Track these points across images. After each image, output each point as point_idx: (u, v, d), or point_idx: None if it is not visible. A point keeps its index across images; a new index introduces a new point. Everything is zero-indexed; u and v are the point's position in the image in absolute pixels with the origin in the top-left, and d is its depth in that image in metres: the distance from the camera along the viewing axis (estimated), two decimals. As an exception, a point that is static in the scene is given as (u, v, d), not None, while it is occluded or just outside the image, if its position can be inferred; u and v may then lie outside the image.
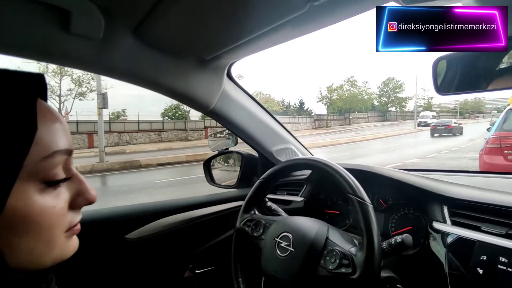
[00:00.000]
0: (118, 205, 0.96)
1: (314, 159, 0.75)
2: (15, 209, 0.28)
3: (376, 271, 0.55)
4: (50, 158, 0.31)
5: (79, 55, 0.60)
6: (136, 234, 0.91)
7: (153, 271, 0.94)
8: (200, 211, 1.07)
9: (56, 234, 0.33)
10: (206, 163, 1.37)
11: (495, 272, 0.57)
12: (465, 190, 0.74)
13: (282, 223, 0.75)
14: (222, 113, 0.90)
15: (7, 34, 0.52)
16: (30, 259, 0.31)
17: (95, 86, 9.74)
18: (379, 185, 0.91)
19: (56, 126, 0.33)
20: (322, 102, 35.23)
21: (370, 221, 0.59)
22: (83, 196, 0.37)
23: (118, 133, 15.85)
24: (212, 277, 1.07)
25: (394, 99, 40.01)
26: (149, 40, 0.65)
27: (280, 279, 0.67)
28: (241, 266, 0.82)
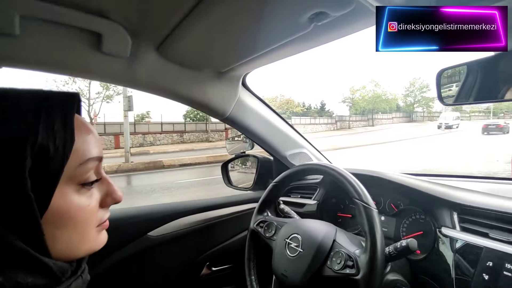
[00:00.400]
0: (143, 204, 1.04)
1: (322, 165, 0.79)
2: (58, 207, 0.35)
3: (378, 272, 0.58)
4: (84, 164, 0.37)
5: (110, 71, 0.68)
6: (158, 232, 0.98)
7: (172, 267, 1.01)
8: (218, 211, 1.13)
9: (89, 228, 0.39)
10: (224, 165, 1.43)
11: (500, 278, 0.59)
12: (474, 196, 0.74)
13: (292, 225, 0.79)
14: (237, 119, 0.96)
15: (51, 54, 0.61)
16: (68, 250, 0.37)
17: (121, 90, 10.16)
18: (390, 190, 0.93)
19: (89, 137, 0.39)
20: (344, 102, 34.64)
21: (374, 225, 0.62)
22: (111, 197, 0.43)
23: (143, 134, 16.42)
24: (228, 274, 1.12)
25: (420, 99, 38.58)
26: (170, 56, 0.72)
27: (289, 278, 0.71)
28: (254, 265, 0.86)
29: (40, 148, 0.32)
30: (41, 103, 0.34)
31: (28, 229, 0.32)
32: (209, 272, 1.09)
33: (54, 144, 0.33)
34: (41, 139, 0.32)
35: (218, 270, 1.11)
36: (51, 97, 0.35)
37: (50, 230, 0.34)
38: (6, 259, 0.30)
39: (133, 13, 0.58)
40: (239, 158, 1.43)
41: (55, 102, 0.35)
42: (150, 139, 16.62)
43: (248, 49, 0.65)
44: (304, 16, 0.49)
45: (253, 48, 0.64)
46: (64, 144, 0.34)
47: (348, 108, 33.95)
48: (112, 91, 14.30)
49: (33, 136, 0.31)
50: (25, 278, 0.31)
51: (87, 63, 0.64)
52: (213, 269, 1.10)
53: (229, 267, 1.13)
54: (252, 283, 0.84)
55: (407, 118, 39.30)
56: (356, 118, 32.31)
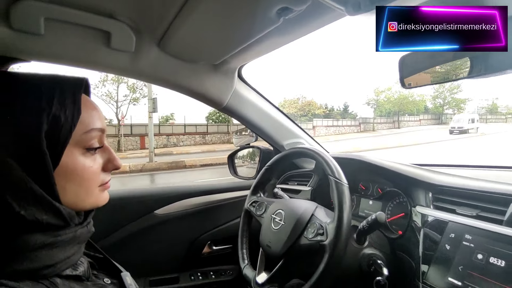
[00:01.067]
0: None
1: (305, 148, 0.86)
2: (67, 164, 0.45)
3: (343, 238, 0.65)
4: (89, 133, 0.47)
5: (117, 64, 0.80)
6: (164, 211, 1.09)
7: (176, 243, 1.12)
8: (220, 195, 1.23)
9: (92, 186, 0.49)
10: (230, 156, 1.53)
11: (460, 247, 0.63)
12: (449, 178, 0.79)
13: (279, 202, 0.87)
14: (235, 109, 1.05)
15: (70, 50, 0.73)
16: (75, 201, 0.47)
17: (147, 92, 10.61)
18: (378, 176, 0.98)
19: (94, 112, 0.49)
20: (368, 104, 33.83)
21: (343, 198, 0.69)
22: (112, 163, 0.53)
23: (167, 136, 16.97)
24: (228, 254, 1.21)
25: (451, 100, 36.82)
26: (169, 50, 0.82)
27: (272, 248, 0.79)
28: (246, 241, 0.95)
29: (54, 117, 0.42)
30: (57, 84, 0.44)
31: (43, 178, 0.42)
32: (210, 250, 1.19)
33: (65, 115, 0.43)
34: (55, 110, 0.42)
35: (218, 249, 1.20)
36: (64, 80, 0.46)
37: (61, 182, 0.44)
38: (26, 200, 0.40)
39: (135, 13, 0.68)
40: (244, 149, 1.53)
41: (67, 83, 0.46)
42: (173, 140, 17.14)
43: (234, 42, 0.73)
44: (272, 11, 0.57)
45: (237, 41, 0.73)
46: (73, 115, 0.44)
47: (373, 110, 33.11)
48: (138, 94, 14.93)
49: (49, 107, 0.42)
50: (41, 216, 0.41)
51: (99, 58, 0.76)
52: (214, 248, 1.20)
53: (229, 247, 1.22)
54: (244, 255, 0.92)
55: (436, 120, 37.63)
56: (381, 120, 31.39)
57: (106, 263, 0.59)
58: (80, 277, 0.47)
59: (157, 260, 1.10)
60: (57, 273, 0.43)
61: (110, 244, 1.00)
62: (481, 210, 0.67)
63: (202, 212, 1.17)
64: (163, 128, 17.49)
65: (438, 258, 0.66)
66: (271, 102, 1.16)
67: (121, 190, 1.11)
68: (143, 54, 0.80)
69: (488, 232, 0.61)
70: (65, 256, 0.44)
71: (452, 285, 0.61)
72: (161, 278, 1.09)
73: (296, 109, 26.50)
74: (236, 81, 1.00)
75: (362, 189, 1.05)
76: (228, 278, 1.18)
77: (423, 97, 34.07)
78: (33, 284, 0.39)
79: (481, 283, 0.57)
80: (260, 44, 0.75)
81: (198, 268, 1.17)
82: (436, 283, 0.64)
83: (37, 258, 0.40)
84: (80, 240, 0.48)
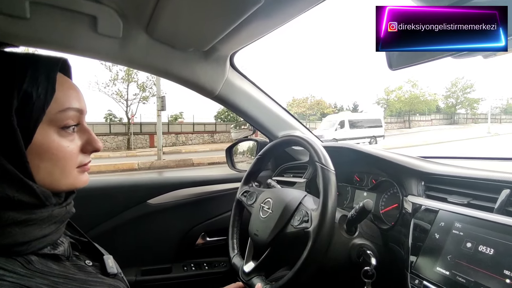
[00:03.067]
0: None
1: (295, 136, 0.84)
2: (41, 143, 0.44)
3: (326, 225, 0.63)
4: (64, 112, 0.47)
5: (106, 50, 0.79)
6: (157, 200, 1.09)
7: (169, 234, 1.11)
8: (216, 186, 1.22)
9: (69, 166, 0.49)
10: (228, 150, 1.52)
11: (449, 235, 0.61)
12: (441, 167, 0.76)
13: (269, 191, 0.85)
14: (227, 98, 1.04)
15: (57, 35, 0.73)
16: (50, 181, 0.46)
17: (155, 91, 10.73)
18: (372, 167, 0.96)
19: (70, 92, 0.49)
20: (378, 104, 33.38)
21: (328, 184, 0.67)
22: (91, 144, 0.52)
23: (175, 134, 17.13)
24: (222, 246, 1.20)
25: (463, 100, 35.97)
26: (158, 36, 0.82)
27: (259, 236, 0.77)
28: (237, 230, 0.94)
29: (25, 93, 0.42)
30: (31, 61, 0.44)
31: (15, 155, 0.42)
32: (203, 242, 1.18)
33: (37, 92, 0.43)
34: (26, 86, 0.42)
35: (212, 241, 1.19)
36: (39, 58, 0.46)
37: (35, 161, 0.44)
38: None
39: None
40: (242, 142, 1.52)
41: (42, 61, 0.45)
42: (182, 139, 17.28)
43: (220, 26, 0.72)
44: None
45: (223, 25, 0.71)
46: (46, 93, 0.44)
47: (383, 109, 32.64)
48: (148, 93, 15.09)
49: (19, 83, 0.42)
50: (12, 193, 0.41)
51: (86, 43, 0.76)
52: (207, 239, 1.19)
53: (223, 239, 1.21)
54: (234, 245, 0.91)
55: (448, 120, 36.87)
56: (391, 120, 30.94)
57: (90, 247, 0.59)
58: (58, 256, 0.47)
59: (149, 250, 1.10)
60: (33, 250, 0.43)
61: (102, 232, 1.00)
62: (472, 198, 0.64)
63: (196, 203, 1.16)
64: (172, 126, 17.65)
65: (427, 247, 0.63)
66: (266, 93, 1.15)
67: (113, 178, 1.12)
68: (131, 40, 0.80)
69: (478, 220, 0.58)
70: (40, 234, 0.44)
71: (440, 275, 0.58)
72: (153, 268, 1.09)
73: (305, 108, 26.38)
74: (229, 69, 0.99)
75: (357, 180, 1.03)
76: (222, 269, 1.17)
77: (435, 96, 33.42)
78: (6, 260, 0.39)
79: (469, 272, 0.54)
80: (248, 27, 0.74)
81: (191, 259, 1.17)
82: (424, 273, 0.62)
83: (10, 234, 0.40)
84: (58, 220, 0.47)
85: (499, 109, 39.54)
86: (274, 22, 0.73)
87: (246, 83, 1.07)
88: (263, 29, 0.76)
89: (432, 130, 25.91)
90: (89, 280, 0.49)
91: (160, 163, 9.39)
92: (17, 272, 0.39)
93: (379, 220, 0.89)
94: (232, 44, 0.86)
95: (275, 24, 0.74)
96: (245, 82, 1.06)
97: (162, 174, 8.19)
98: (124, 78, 14.47)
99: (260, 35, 0.80)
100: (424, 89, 32.33)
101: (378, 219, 0.89)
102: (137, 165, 8.92)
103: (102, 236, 0.99)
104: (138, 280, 1.04)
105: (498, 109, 39.50)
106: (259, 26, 0.74)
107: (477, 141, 16.44)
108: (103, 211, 1.01)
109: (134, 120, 15.05)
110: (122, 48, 0.80)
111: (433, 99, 33.25)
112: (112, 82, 14.49)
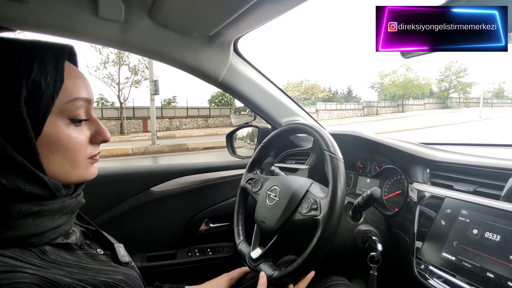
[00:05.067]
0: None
1: (302, 123, 0.84)
2: (50, 134, 0.43)
3: (336, 213, 0.64)
4: (73, 102, 0.45)
5: (107, 35, 0.76)
6: (160, 188, 1.09)
7: (173, 220, 1.12)
8: (218, 173, 1.22)
9: (79, 158, 0.48)
10: (229, 136, 1.51)
11: (455, 222, 0.62)
12: (447, 155, 0.77)
13: (275, 179, 0.85)
14: (231, 85, 1.02)
15: (56, 19, 0.70)
16: (60, 172, 0.45)
17: (148, 75, 10.51)
18: (376, 153, 0.96)
19: (79, 81, 0.47)
20: (372, 88, 33.34)
21: (338, 172, 0.67)
22: (100, 135, 0.51)
23: (169, 119, 16.94)
24: (226, 232, 1.22)
25: (457, 84, 36.14)
26: (161, 21, 0.79)
27: (266, 223, 0.78)
28: (242, 217, 0.95)
29: (34, 82, 0.40)
30: (37, 49, 0.42)
31: (25, 146, 0.40)
32: (207, 228, 1.19)
33: (46, 81, 0.41)
34: (34, 75, 0.40)
35: (215, 227, 1.21)
36: (46, 45, 0.43)
37: (45, 152, 0.43)
38: (6, 168, 0.39)
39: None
40: (243, 128, 1.51)
41: (49, 49, 0.43)
42: (176, 124, 17.13)
43: (226, 10, 0.70)
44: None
45: (230, 9, 0.69)
46: (55, 82, 0.42)
47: (377, 93, 32.68)
48: (140, 76, 14.77)
49: (28, 72, 0.40)
50: (23, 185, 0.40)
51: (87, 27, 0.73)
52: (211, 225, 1.20)
53: (226, 225, 1.22)
54: (239, 232, 0.93)
55: (441, 104, 37.15)
56: (385, 104, 31.04)
57: (98, 236, 0.58)
58: (71, 246, 0.47)
59: (154, 237, 1.10)
60: (47, 241, 0.43)
61: (108, 219, 1.00)
62: (478, 186, 0.65)
63: (199, 190, 1.16)
64: (166, 111, 17.43)
65: (433, 233, 0.65)
66: (269, 79, 1.13)
67: (116, 166, 1.11)
68: (133, 24, 0.77)
69: (485, 207, 0.59)
70: (53, 225, 0.44)
71: (446, 260, 0.60)
72: (158, 254, 1.10)
73: (299, 92, 26.23)
74: (232, 55, 0.97)
75: (360, 167, 1.04)
76: (225, 254, 1.18)
77: (428, 80, 33.47)
78: (21, 252, 0.39)
79: (475, 257, 0.56)
80: (254, 13, 0.71)
81: (195, 245, 1.18)
82: (430, 258, 0.63)
83: (24, 226, 0.40)
84: (69, 211, 0.47)
85: (491, 93, 39.95)
86: (282, 7, 0.71)
87: (249, 68, 1.05)
88: (270, 14, 0.74)
89: (425, 115, 26.15)
90: (103, 269, 0.49)
91: (154, 148, 9.33)
92: (34, 263, 0.39)
93: (382, 206, 0.90)
94: (237, 29, 0.84)
95: (284, 9, 0.72)
96: (248, 68, 1.04)
97: (157, 159, 8.17)
98: (115, 61, 14.11)
99: (266, 20, 0.77)
100: (418, 73, 32.34)
101: (381, 205, 0.91)
102: (131, 150, 8.85)
103: (107, 224, 0.99)
104: (144, 266, 1.05)
105: (490, 93, 39.91)
106: (266, 11, 0.72)
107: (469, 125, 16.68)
108: (106, 199, 1.00)
109: (126, 105, 14.79)
110: (123, 33, 0.77)
111: (426, 83, 33.32)
112: (103, 65, 14.13)
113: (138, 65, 14.51)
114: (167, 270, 1.09)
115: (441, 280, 0.59)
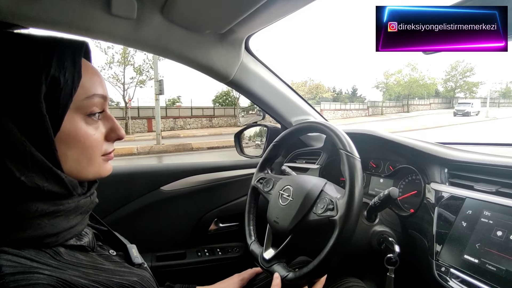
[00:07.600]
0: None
1: (316, 122, 0.82)
2: (68, 130, 0.43)
3: (354, 213, 0.62)
4: (90, 98, 0.45)
5: (119, 32, 0.76)
6: (170, 187, 1.08)
7: (182, 220, 1.11)
8: (228, 173, 1.21)
9: (95, 155, 0.47)
10: (237, 135, 1.50)
11: (477, 224, 0.60)
12: (466, 154, 0.75)
13: (287, 178, 0.84)
14: (241, 83, 1.01)
15: (69, 16, 0.69)
16: (77, 170, 0.45)
17: (153, 74, 10.55)
18: (389, 152, 0.95)
19: (95, 78, 0.47)
20: (377, 88, 33.12)
21: (355, 172, 0.65)
22: (115, 132, 0.51)
23: (174, 119, 17.01)
24: (235, 232, 1.21)
25: (463, 84, 35.75)
26: (173, 19, 0.78)
27: (279, 224, 0.77)
28: (253, 217, 0.93)
29: (53, 78, 0.40)
30: (55, 45, 0.42)
31: (44, 143, 0.40)
32: (216, 228, 1.18)
33: (64, 77, 0.41)
34: (54, 71, 0.40)
35: (225, 226, 1.20)
36: (63, 41, 0.43)
37: (62, 149, 0.42)
38: (26, 165, 0.38)
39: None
40: (251, 128, 1.50)
41: (67, 45, 0.43)
42: (180, 123, 17.19)
43: (240, 7, 0.68)
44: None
45: (244, 6, 0.68)
46: (73, 79, 0.42)
47: (382, 93, 32.46)
48: (145, 76, 14.84)
49: (47, 68, 0.39)
50: (42, 182, 0.39)
51: (99, 25, 0.72)
52: (220, 225, 1.19)
53: (236, 225, 1.21)
54: (251, 232, 0.91)
55: (446, 104, 36.81)
56: (390, 104, 30.85)
57: (110, 236, 0.58)
58: (84, 247, 0.47)
59: (164, 236, 1.10)
60: (61, 242, 0.42)
61: (117, 219, 1.00)
62: (501, 186, 0.63)
63: (208, 189, 1.16)
64: (170, 111, 17.50)
65: (453, 235, 0.63)
66: (279, 77, 1.12)
67: (126, 165, 1.10)
68: (146, 21, 0.76)
69: (510, 208, 0.57)
70: (68, 225, 0.43)
71: (468, 262, 0.58)
72: (168, 254, 1.09)
73: (304, 92, 26.18)
74: (243, 53, 0.96)
75: (373, 166, 1.02)
76: (235, 254, 1.17)
77: (434, 80, 33.18)
78: (36, 252, 0.38)
79: (500, 260, 0.54)
80: (267, 10, 0.70)
81: (204, 245, 1.17)
82: (450, 260, 0.62)
83: (40, 226, 0.39)
84: (83, 210, 0.47)
85: (498, 93, 39.49)
86: (295, 4, 0.69)
87: (260, 67, 1.04)
88: (283, 11, 0.73)
89: (431, 114, 25.94)
90: (117, 270, 0.48)
91: (159, 148, 9.37)
92: (49, 264, 0.39)
93: (397, 207, 0.88)
94: (249, 26, 0.82)
95: (296, 7, 0.70)
96: (259, 66, 1.03)
97: (162, 159, 8.19)
98: (120, 61, 14.18)
99: (278, 17, 0.76)
100: (424, 73, 32.07)
101: (396, 206, 0.89)
102: (136, 149, 8.89)
103: (117, 223, 0.99)
104: (154, 265, 1.04)
105: (497, 93, 39.45)
106: (278, 8, 0.71)
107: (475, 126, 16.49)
108: (116, 198, 1.00)
109: (131, 104, 14.88)
110: (135, 30, 0.77)
111: (432, 83, 33.00)
112: (108, 65, 14.21)
113: (143, 65, 14.60)
114: (176, 270, 1.08)
115: (463, 283, 0.57)
